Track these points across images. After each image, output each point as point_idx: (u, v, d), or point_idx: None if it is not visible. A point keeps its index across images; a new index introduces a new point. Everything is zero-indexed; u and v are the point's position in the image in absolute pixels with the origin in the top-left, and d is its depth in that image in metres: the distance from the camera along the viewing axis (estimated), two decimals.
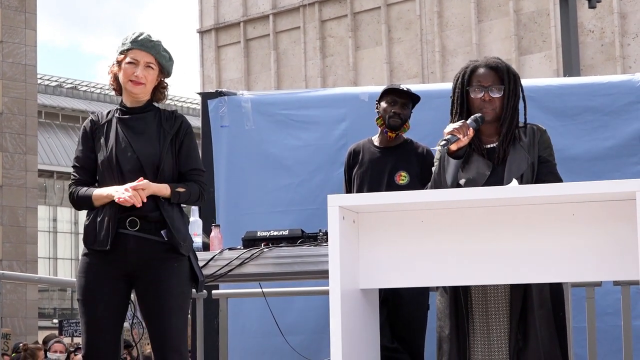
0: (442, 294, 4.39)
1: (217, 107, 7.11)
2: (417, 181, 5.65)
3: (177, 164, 4.43)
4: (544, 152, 4.43)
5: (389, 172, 5.70)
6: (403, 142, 5.82)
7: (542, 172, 4.38)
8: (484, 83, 4.43)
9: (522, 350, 4.19)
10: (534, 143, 4.42)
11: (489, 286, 4.27)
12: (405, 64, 26.83)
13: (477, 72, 4.47)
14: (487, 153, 4.43)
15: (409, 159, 5.74)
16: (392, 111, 5.71)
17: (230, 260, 5.09)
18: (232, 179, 7.03)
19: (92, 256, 4.35)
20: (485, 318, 4.28)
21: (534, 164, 4.37)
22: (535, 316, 4.20)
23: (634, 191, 3.60)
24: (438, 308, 4.41)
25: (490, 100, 4.41)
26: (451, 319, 4.31)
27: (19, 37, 26.42)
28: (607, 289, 6.01)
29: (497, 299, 4.28)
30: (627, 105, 6.64)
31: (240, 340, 6.89)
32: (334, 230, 3.88)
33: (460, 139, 4.30)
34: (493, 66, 4.47)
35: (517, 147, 4.39)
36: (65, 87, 46.47)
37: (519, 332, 4.20)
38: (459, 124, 4.32)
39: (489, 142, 4.46)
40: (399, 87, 5.80)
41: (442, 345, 4.33)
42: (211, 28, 30.23)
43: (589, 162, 6.57)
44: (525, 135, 4.44)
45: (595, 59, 23.95)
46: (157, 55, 4.43)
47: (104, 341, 4.34)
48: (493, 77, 4.44)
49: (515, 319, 4.21)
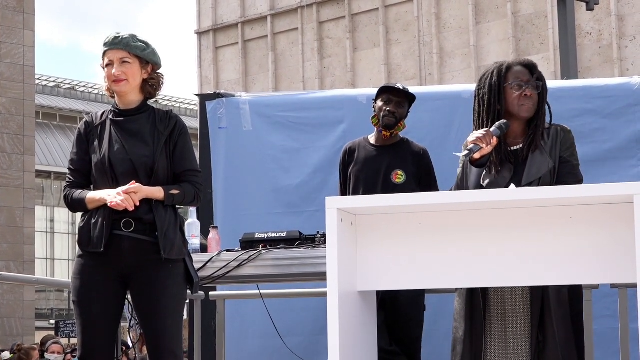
0: (459, 295, 4.38)
1: (215, 109, 7.11)
2: (414, 180, 5.63)
3: (172, 165, 4.42)
4: (565, 153, 4.40)
5: (384, 170, 5.68)
6: (399, 141, 5.80)
7: (562, 173, 4.36)
8: (524, 79, 4.42)
9: (541, 351, 4.18)
10: (556, 144, 4.40)
11: (507, 288, 4.26)
12: (403, 65, 26.84)
13: (512, 69, 4.45)
14: (512, 156, 4.41)
15: (405, 158, 5.72)
16: (386, 110, 5.69)
17: (228, 262, 5.09)
18: (230, 181, 7.02)
19: (86, 258, 4.35)
20: (503, 320, 4.27)
21: (555, 168, 4.35)
22: (552, 318, 4.18)
23: (631, 194, 3.60)
24: (455, 309, 4.39)
25: (531, 96, 4.40)
26: (466, 321, 4.30)
27: (17, 37, 26.40)
28: (605, 291, 6.01)
29: (515, 301, 4.26)
30: (625, 108, 6.64)
31: (238, 342, 6.89)
32: (332, 232, 3.88)
33: (484, 148, 4.28)
34: (528, 64, 4.47)
35: (539, 149, 4.37)
36: (63, 88, 46.45)
37: (539, 334, 4.19)
38: (482, 132, 4.28)
39: (514, 144, 4.44)
40: (394, 86, 5.79)
41: (456, 346, 4.33)
42: (209, 29, 30.23)
43: (587, 164, 6.52)
44: (549, 136, 4.42)
45: (593, 61, 23.96)
46: (128, 48, 4.41)
47: (100, 342, 4.34)
48: (528, 75, 4.44)
49: (536, 320, 4.20)
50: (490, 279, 4.03)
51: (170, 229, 4.35)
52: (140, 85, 4.46)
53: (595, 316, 6.05)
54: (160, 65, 4.52)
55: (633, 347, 5.75)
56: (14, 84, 26.22)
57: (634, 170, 6.52)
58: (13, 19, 26.41)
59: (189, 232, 5.20)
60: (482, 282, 4.08)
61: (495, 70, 4.47)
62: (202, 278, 4.83)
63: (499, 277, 4.00)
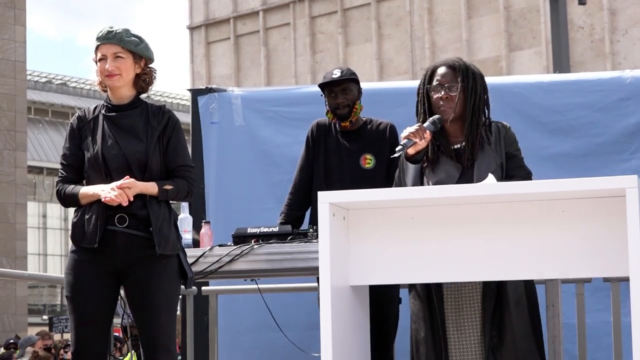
0: (414, 297, 4.40)
1: (207, 104, 7.09)
2: (385, 162, 5.56)
3: (165, 160, 4.42)
4: (510, 148, 4.46)
5: (353, 157, 5.63)
6: (363, 124, 5.72)
7: (511, 167, 4.42)
8: (443, 81, 4.44)
9: (497, 347, 4.19)
10: (500, 141, 4.44)
11: (463, 286, 4.27)
12: (395, 60, 26.82)
13: (437, 71, 4.49)
14: (455, 154, 4.43)
15: (371, 140, 5.64)
16: (335, 103, 5.64)
17: (220, 257, 5.08)
18: (222, 176, 7.01)
19: (80, 253, 4.34)
20: (458, 317, 4.29)
21: (503, 164, 4.39)
22: (511, 312, 4.21)
23: (623, 188, 3.61)
24: (412, 311, 4.41)
25: (448, 98, 4.43)
26: (425, 321, 4.31)
27: (8, 33, 26.33)
28: (597, 285, 6.02)
29: (470, 298, 4.29)
30: (617, 102, 6.64)
31: (231, 337, 6.88)
32: (324, 226, 3.89)
33: (418, 143, 4.31)
34: (451, 65, 4.48)
35: (485, 147, 4.41)
36: (55, 83, 46.38)
37: (493, 329, 4.20)
38: (415, 127, 4.34)
39: (455, 143, 4.46)
40: (330, 79, 5.69)
41: (419, 347, 4.34)
42: (201, 24, 30.18)
43: (579, 158, 6.57)
44: (492, 133, 4.45)
45: (585, 55, 23.97)
46: (121, 43, 4.40)
47: (93, 338, 4.34)
48: (451, 75, 4.46)
49: (489, 316, 4.22)
50: (482, 273, 4.04)
51: (164, 225, 4.34)
52: (133, 79, 4.45)
53: (588, 310, 6.06)
54: (153, 60, 4.52)
55: (625, 341, 5.76)
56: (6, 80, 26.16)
57: (625, 164, 6.52)
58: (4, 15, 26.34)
59: (181, 227, 5.18)
60: (475, 276, 4.08)
61: (425, 72, 4.54)
62: (194, 273, 4.82)
63: (490, 271, 4.01)
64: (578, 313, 5.98)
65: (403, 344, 5.73)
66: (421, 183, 4.42)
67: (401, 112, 5.85)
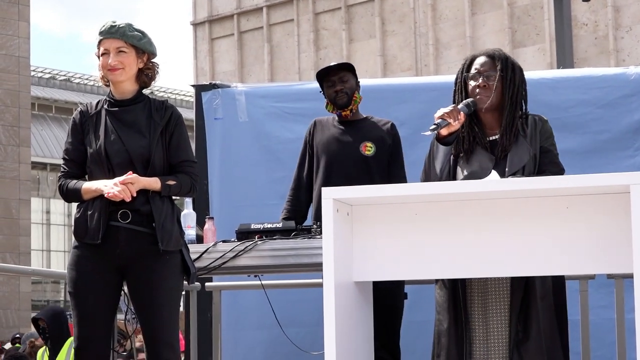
0: (441, 287, 4.38)
1: (210, 100, 7.09)
2: (385, 152, 5.59)
3: (168, 155, 4.41)
4: (545, 142, 4.41)
5: (353, 143, 5.65)
6: (364, 118, 5.78)
7: (544, 162, 4.37)
8: (481, 70, 4.43)
9: (522, 342, 4.16)
10: (536, 134, 4.40)
11: (490, 278, 4.25)
12: (399, 56, 26.80)
13: (476, 60, 4.48)
14: (490, 146, 4.41)
15: (373, 131, 5.68)
16: (333, 91, 5.67)
17: (224, 252, 5.08)
18: (226, 172, 7.01)
19: (82, 249, 4.34)
20: (484, 310, 4.27)
21: (536, 156, 4.35)
22: (537, 308, 4.18)
23: (628, 184, 3.60)
24: (437, 301, 4.39)
25: (485, 87, 4.40)
26: (449, 312, 4.29)
27: (12, 29, 26.35)
28: (601, 281, 6.01)
29: (498, 291, 4.26)
30: (621, 98, 6.63)
31: (234, 333, 6.88)
32: (328, 222, 3.88)
33: (451, 124, 4.28)
34: (491, 54, 4.47)
35: (520, 139, 4.37)
36: (59, 79, 46.36)
37: (519, 324, 4.18)
38: (449, 108, 4.31)
39: (491, 135, 4.44)
40: (325, 67, 5.74)
41: (441, 338, 4.32)
42: (205, 20, 30.17)
43: (583, 155, 6.56)
44: (527, 126, 4.42)
45: (589, 52, 23.95)
46: (124, 37, 4.39)
47: (96, 333, 4.34)
48: (490, 64, 4.44)
49: (516, 310, 4.19)
50: (486, 269, 4.03)
51: (167, 220, 4.34)
52: (135, 74, 4.45)
53: (592, 307, 6.05)
54: (156, 55, 4.51)
55: (629, 337, 5.74)
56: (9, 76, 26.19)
57: (630, 160, 6.51)
58: (8, 10, 26.36)
59: (184, 223, 5.18)
60: (478, 272, 4.07)
61: (464, 61, 4.52)
62: (198, 269, 4.82)
63: (495, 268, 4.00)
64: (582, 310, 5.96)
65: (408, 339, 5.74)
66: (454, 172, 4.40)
67: (404, 109, 5.85)
